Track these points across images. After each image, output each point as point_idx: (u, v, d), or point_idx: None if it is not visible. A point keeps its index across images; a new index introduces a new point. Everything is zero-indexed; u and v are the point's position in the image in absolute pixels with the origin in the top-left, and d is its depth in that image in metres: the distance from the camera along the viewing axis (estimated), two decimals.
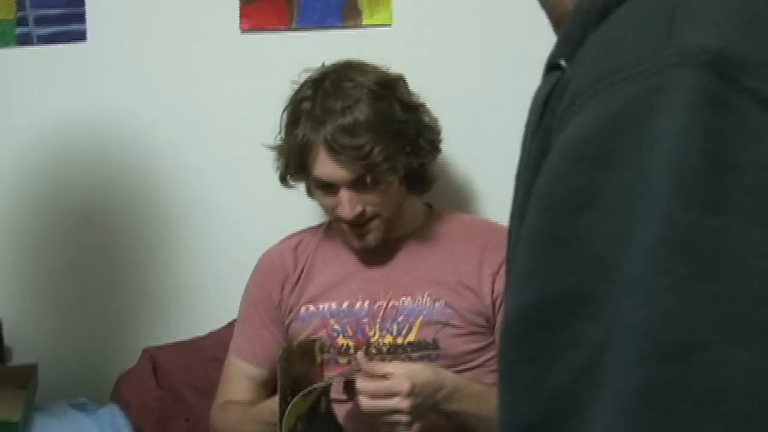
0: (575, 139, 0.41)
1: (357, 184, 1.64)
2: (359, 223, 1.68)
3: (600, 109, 0.41)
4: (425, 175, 1.75)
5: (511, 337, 0.43)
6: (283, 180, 1.75)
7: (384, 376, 1.54)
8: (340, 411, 1.65)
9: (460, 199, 1.98)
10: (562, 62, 0.48)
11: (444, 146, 1.77)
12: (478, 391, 1.59)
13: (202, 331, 2.02)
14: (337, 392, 1.62)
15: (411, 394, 1.51)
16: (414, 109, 1.70)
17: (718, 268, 0.36)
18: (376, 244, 1.71)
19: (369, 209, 1.67)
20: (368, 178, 1.62)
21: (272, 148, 1.74)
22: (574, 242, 0.40)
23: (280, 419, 1.52)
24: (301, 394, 1.53)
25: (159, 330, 2.03)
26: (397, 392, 1.51)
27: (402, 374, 1.53)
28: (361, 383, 1.53)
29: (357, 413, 1.57)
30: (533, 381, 0.40)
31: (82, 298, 2.09)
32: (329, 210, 1.71)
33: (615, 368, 0.37)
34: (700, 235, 0.36)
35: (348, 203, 1.64)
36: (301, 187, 1.78)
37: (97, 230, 2.07)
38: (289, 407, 1.51)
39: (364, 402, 1.52)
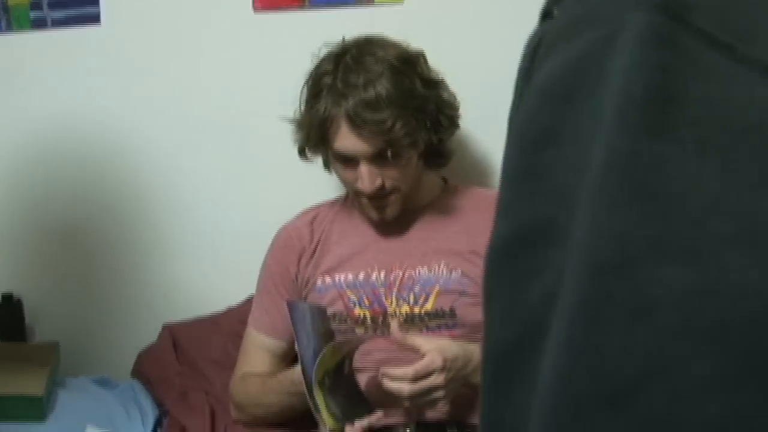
0: (546, 80, 0.44)
1: (377, 158, 1.65)
2: (378, 197, 1.70)
3: (567, 53, 0.44)
4: (443, 150, 1.77)
5: (490, 267, 0.45)
6: (301, 153, 1.77)
7: (412, 349, 1.56)
8: (360, 379, 1.67)
9: (475, 174, 2.00)
10: (555, 10, 0.50)
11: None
12: None
13: (220, 307, 2.04)
14: (358, 361, 1.65)
15: (444, 368, 1.54)
16: (434, 85, 1.72)
17: (654, 190, 0.39)
18: (394, 217, 1.73)
19: (388, 183, 1.68)
20: (389, 153, 1.63)
21: (291, 121, 1.75)
22: (542, 175, 0.42)
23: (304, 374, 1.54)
24: (330, 344, 1.55)
25: (178, 306, 2.05)
26: (434, 369, 1.54)
27: (433, 349, 1.55)
28: (400, 371, 1.54)
29: (379, 385, 1.59)
30: (509, 307, 0.43)
31: (101, 277, 2.10)
32: (348, 183, 1.72)
33: (562, 289, 0.40)
34: (638, 160, 0.39)
35: (368, 177, 1.66)
36: (319, 161, 1.80)
37: (116, 210, 2.08)
38: (318, 358, 1.53)
39: (407, 388, 1.54)
